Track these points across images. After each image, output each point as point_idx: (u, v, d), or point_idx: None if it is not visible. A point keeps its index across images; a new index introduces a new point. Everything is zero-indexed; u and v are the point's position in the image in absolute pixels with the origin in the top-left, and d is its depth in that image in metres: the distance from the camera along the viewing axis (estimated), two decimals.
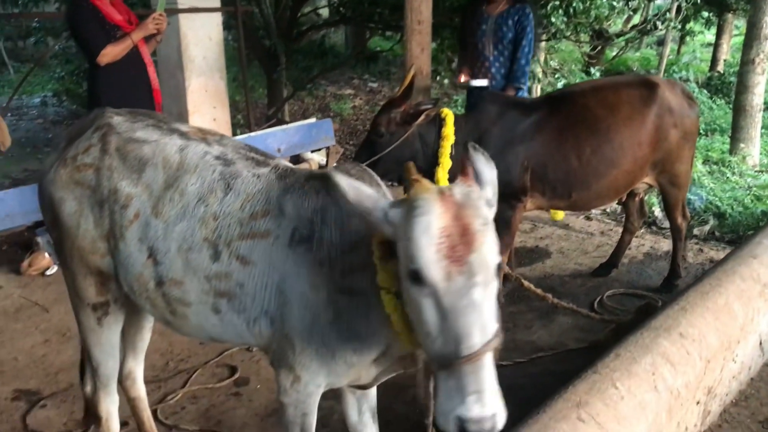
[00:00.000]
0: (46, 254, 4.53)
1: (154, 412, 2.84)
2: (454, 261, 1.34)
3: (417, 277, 1.37)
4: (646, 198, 4.46)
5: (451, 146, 3.57)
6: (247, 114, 7.34)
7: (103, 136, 2.02)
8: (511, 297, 3.90)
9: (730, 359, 2.83)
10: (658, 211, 5.30)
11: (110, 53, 4.14)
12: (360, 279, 1.67)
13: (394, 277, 1.53)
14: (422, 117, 3.57)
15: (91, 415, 2.37)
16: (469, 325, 1.34)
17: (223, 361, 3.40)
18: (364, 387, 1.99)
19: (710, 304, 2.77)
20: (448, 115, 3.59)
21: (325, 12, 11.92)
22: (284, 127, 6.63)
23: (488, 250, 1.37)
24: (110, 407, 2.32)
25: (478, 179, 1.50)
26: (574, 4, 5.92)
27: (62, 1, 8.59)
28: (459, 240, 1.35)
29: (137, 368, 2.49)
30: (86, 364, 2.32)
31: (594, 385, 2.28)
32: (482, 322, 1.34)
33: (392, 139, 3.58)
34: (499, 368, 3.15)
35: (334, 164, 5.92)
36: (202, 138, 2.03)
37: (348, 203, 1.50)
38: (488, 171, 1.52)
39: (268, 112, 8.80)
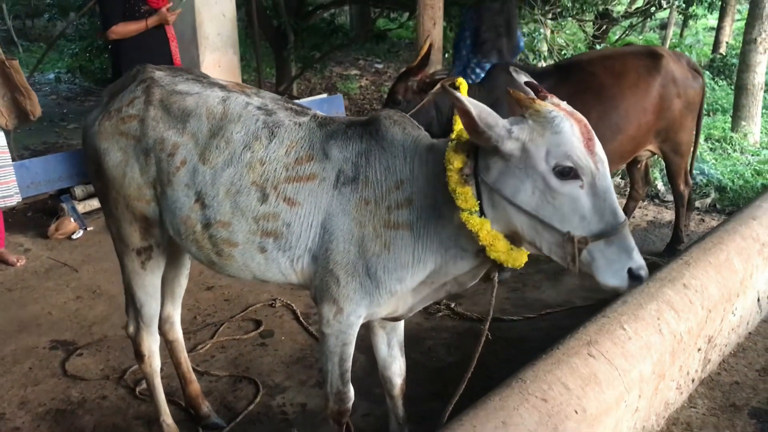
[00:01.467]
0: (72, 219, 4.70)
1: None
2: (593, 154, 1.66)
3: (568, 173, 1.63)
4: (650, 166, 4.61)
5: None
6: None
7: (147, 88, 2.17)
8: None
9: (730, 312, 3.00)
10: (660, 185, 5.45)
11: (119, 31, 4.34)
12: (406, 213, 1.84)
13: (474, 198, 1.72)
14: (437, 86, 3.71)
15: (134, 352, 2.54)
16: (615, 199, 1.66)
17: (248, 315, 3.59)
18: (397, 318, 2.16)
19: (712, 259, 2.94)
20: (462, 84, 3.70)
21: None
22: (297, 102, 6.77)
23: None
24: (152, 346, 2.50)
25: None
26: None
27: None
28: (589, 137, 1.67)
29: (175, 313, 2.66)
30: (129, 306, 2.49)
31: (603, 326, 2.45)
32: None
33: (409, 106, 3.73)
34: (511, 323, 3.33)
35: None
36: (242, 90, 2.19)
37: (469, 117, 1.65)
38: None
39: (277, 90, 8.92)
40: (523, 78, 1.96)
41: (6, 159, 4.10)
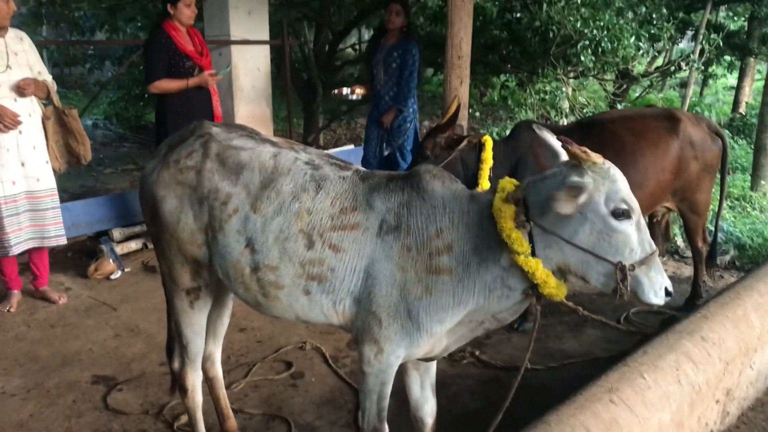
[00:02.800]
0: (111, 260, 4.91)
1: None
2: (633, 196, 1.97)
3: (622, 213, 1.92)
4: (671, 223, 4.75)
5: (489, 169, 3.91)
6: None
7: (205, 143, 2.38)
8: (543, 311, 4.19)
9: (748, 365, 3.10)
10: (680, 241, 5.57)
11: (161, 87, 4.63)
12: (446, 259, 2.02)
13: (527, 241, 1.97)
14: (464, 142, 3.91)
15: (178, 387, 2.70)
16: (647, 230, 1.99)
17: (279, 357, 3.73)
18: (432, 359, 2.30)
19: (729, 314, 3.05)
20: (488, 141, 3.93)
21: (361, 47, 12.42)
22: (327, 152, 7.03)
23: None
24: (195, 381, 2.65)
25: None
26: (603, 44, 6.28)
27: (112, 30, 9.13)
28: (627, 182, 1.98)
29: (216, 351, 2.82)
30: (175, 343, 2.65)
31: (624, 374, 2.57)
32: None
33: (436, 161, 3.92)
34: (533, 372, 3.45)
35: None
36: (290, 147, 2.39)
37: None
38: None
39: (305, 140, 9.22)
40: (546, 134, 2.16)
41: (56, 201, 4.33)
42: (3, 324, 4.12)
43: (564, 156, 2.04)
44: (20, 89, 4.01)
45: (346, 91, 5.64)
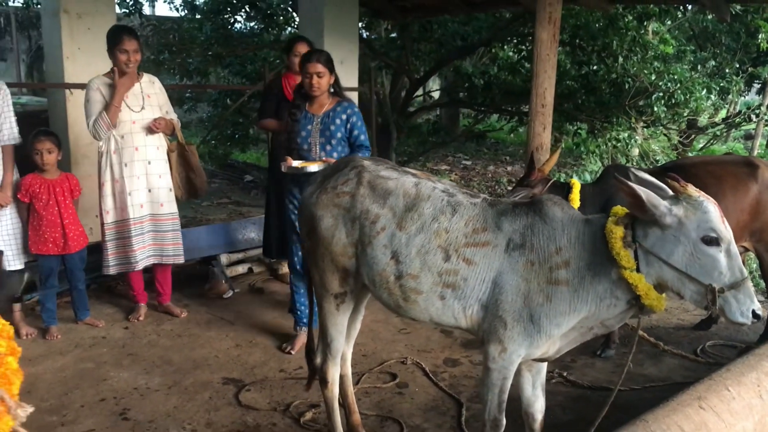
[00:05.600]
0: (223, 281, 5.44)
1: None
2: (726, 228, 2.29)
3: (713, 241, 2.25)
4: (745, 263, 5.03)
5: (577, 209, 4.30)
6: None
7: (359, 173, 2.86)
8: (623, 340, 4.53)
9: None
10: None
11: (263, 124, 5.24)
12: (564, 272, 2.42)
13: (633, 259, 2.34)
14: (549, 184, 4.31)
15: (318, 380, 3.15)
16: (740, 259, 2.30)
17: (384, 369, 4.15)
18: (545, 359, 2.69)
19: None
20: (575, 184, 4.32)
21: (435, 94, 13.05)
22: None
23: None
24: (335, 375, 3.10)
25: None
26: (675, 96, 6.66)
27: (236, 73, 9.88)
28: (722, 216, 2.31)
29: (348, 351, 3.26)
30: (319, 341, 3.11)
31: (711, 386, 2.90)
32: None
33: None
34: (618, 392, 3.79)
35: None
36: (428, 178, 2.85)
37: (639, 199, 2.27)
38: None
39: None
40: (643, 175, 2.56)
41: (176, 224, 4.89)
42: (136, 332, 4.66)
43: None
44: (152, 128, 4.62)
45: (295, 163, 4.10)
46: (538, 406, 2.86)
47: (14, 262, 4.40)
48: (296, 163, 4.06)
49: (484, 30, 9.28)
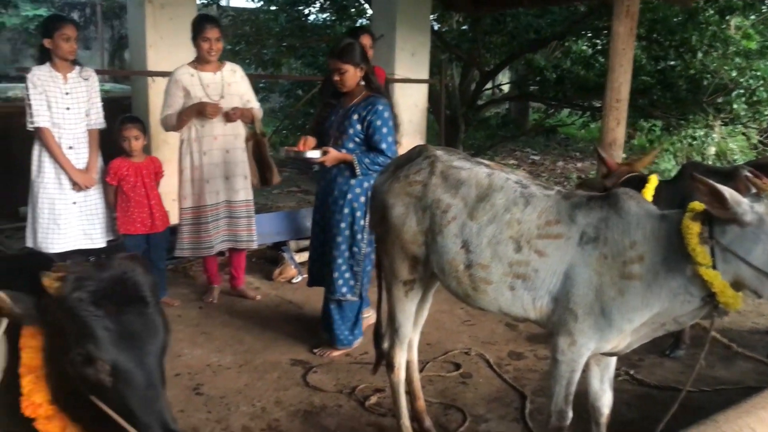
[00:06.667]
0: (292, 266, 5.58)
1: None
2: None
3: None
4: None
5: None
6: None
7: (431, 162, 2.91)
8: (694, 341, 4.43)
9: None
10: None
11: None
12: (638, 267, 2.40)
13: (709, 255, 2.29)
14: (624, 178, 4.24)
15: (384, 365, 3.22)
16: None
17: (447, 359, 4.19)
18: (614, 354, 2.69)
19: None
20: (652, 180, 4.24)
21: (505, 87, 12.96)
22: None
23: None
24: (401, 360, 3.16)
25: None
26: (757, 94, 6.44)
27: (308, 64, 10.07)
28: None
29: (415, 337, 3.32)
30: (388, 326, 3.18)
31: None
32: None
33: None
34: (687, 393, 3.74)
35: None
36: (501, 169, 2.87)
37: (721, 197, 2.23)
38: None
39: None
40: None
41: (251, 211, 5.04)
42: (210, 313, 4.84)
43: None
44: (228, 117, 4.74)
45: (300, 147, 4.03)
46: (605, 400, 2.85)
47: (98, 241, 4.63)
48: (301, 149, 3.95)
49: (558, 23, 9.16)
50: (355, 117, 3.95)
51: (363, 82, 4.00)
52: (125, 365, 1.58)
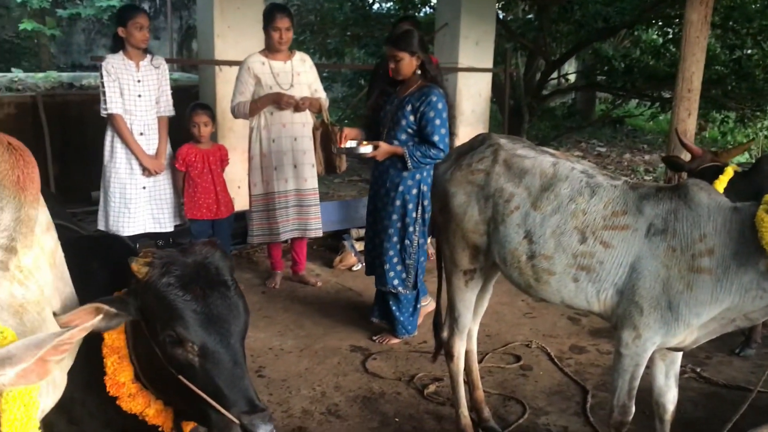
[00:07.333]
0: (352, 254, 5.63)
1: None
2: None
3: None
4: None
5: None
6: None
7: (495, 151, 2.88)
8: (765, 341, 4.28)
9: None
10: None
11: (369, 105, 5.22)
12: (707, 261, 2.33)
13: None
14: (705, 165, 4.08)
15: (443, 354, 3.21)
16: None
17: (508, 351, 4.16)
18: (681, 350, 2.61)
19: None
20: (727, 171, 4.09)
21: (571, 77, 12.71)
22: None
23: None
24: (461, 349, 3.15)
25: None
26: None
27: (371, 54, 10.12)
28: None
29: (474, 327, 3.30)
30: (447, 316, 3.17)
31: None
32: None
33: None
34: (758, 393, 3.62)
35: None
36: (566, 158, 2.82)
37: None
38: None
39: None
40: None
41: (317, 199, 5.10)
42: (272, 298, 4.93)
43: None
44: (298, 107, 4.79)
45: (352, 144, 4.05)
46: (670, 396, 2.78)
47: (166, 225, 4.76)
48: (350, 144, 3.98)
49: (628, 12, 8.91)
50: (408, 108, 3.89)
51: (419, 71, 3.93)
52: (212, 346, 1.64)
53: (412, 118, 3.89)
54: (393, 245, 4.08)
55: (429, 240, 4.94)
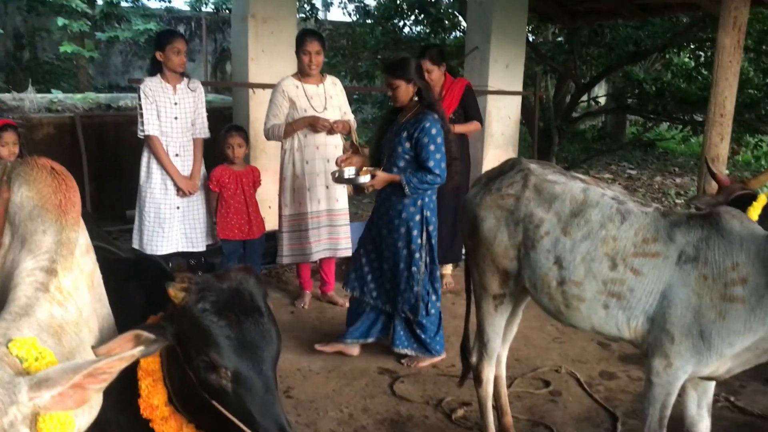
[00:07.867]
0: None
1: None
2: None
3: None
4: None
5: None
6: None
7: (525, 176, 2.89)
8: None
9: None
10: None
11: None
12: (740, 290, 2.31)
13: None
14: (733, 195, 4.05)
15: (472, 379, 3.21)
16: None
17: (537, 375, 4.13)
18: (714, 379, 2.59)
19: None
20: (761, 199, 4.04)
21: (602, 100, 12.67)
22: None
23: None
24: (490, 374, 3.15)
25: None
26: None
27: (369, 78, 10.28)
28: None
29: (503, 353, 3.30)
30: (476, 341, 3.18)
31: None
32: None
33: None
34: None
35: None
36: (597, 184, 2.83)
37: None
38: None
39: None
40: None
41: (347, 219, 5.15)
42: (300, 318, 4.96)
43: None
44: (331, 129, 4.85)
45: (349, 173, 4.18)
46: (702, 427, 2.75)
47: (199, 245, 4.84)
48: (347, 172, 4.11)
49: (659, 35, 8.88)
50: (404, 134, 3.93)
51: (416, 98, 4.00)
52: (245, 372, 1.66)
53: (407, 144, 3.93)
54: (400, 272, 4.10)
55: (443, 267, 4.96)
